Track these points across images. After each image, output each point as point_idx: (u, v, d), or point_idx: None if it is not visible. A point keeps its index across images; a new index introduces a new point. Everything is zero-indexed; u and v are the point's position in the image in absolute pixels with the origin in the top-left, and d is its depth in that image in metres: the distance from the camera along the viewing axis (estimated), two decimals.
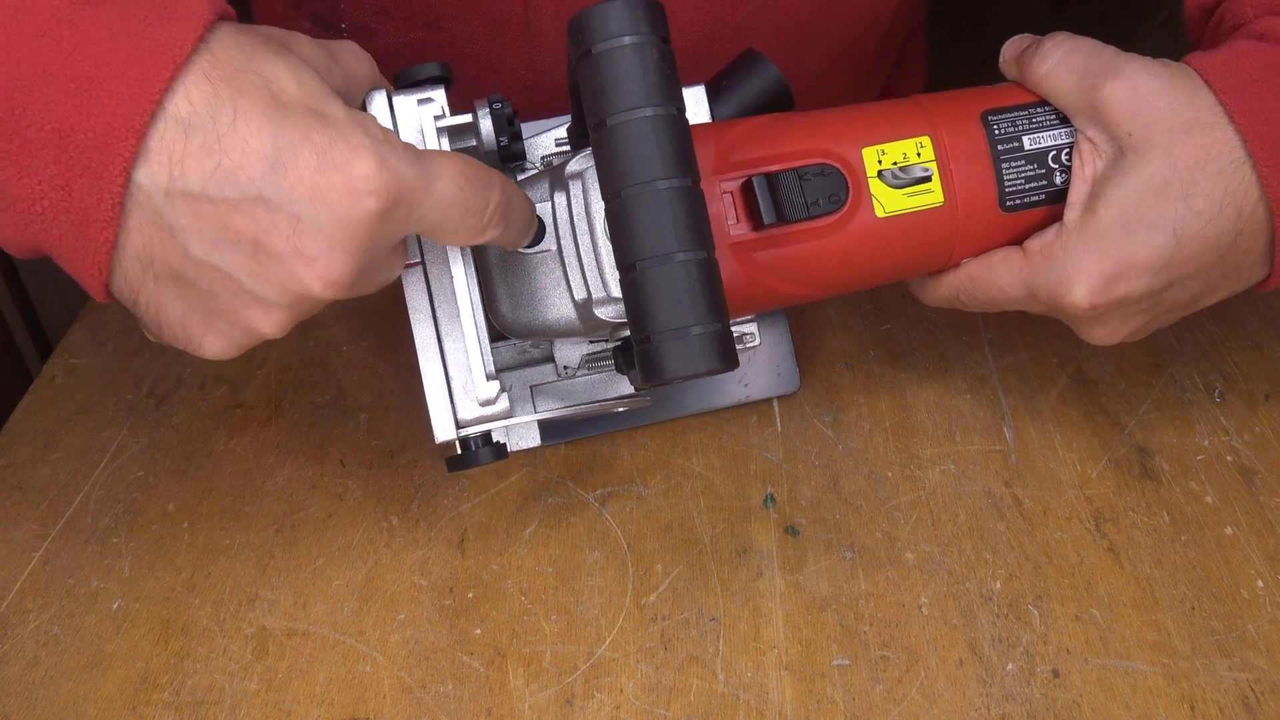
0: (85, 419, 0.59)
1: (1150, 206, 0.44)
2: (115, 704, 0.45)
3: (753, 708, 0.44)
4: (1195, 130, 0.44)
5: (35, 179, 0.34)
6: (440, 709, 0.44)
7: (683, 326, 0.35)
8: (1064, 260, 0.45)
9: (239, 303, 0.37)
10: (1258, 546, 0.49)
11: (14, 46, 0.33)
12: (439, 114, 0.42)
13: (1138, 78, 0.45)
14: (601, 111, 0.36)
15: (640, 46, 0.35)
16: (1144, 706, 0.43)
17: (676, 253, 0.36)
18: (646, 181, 0.36)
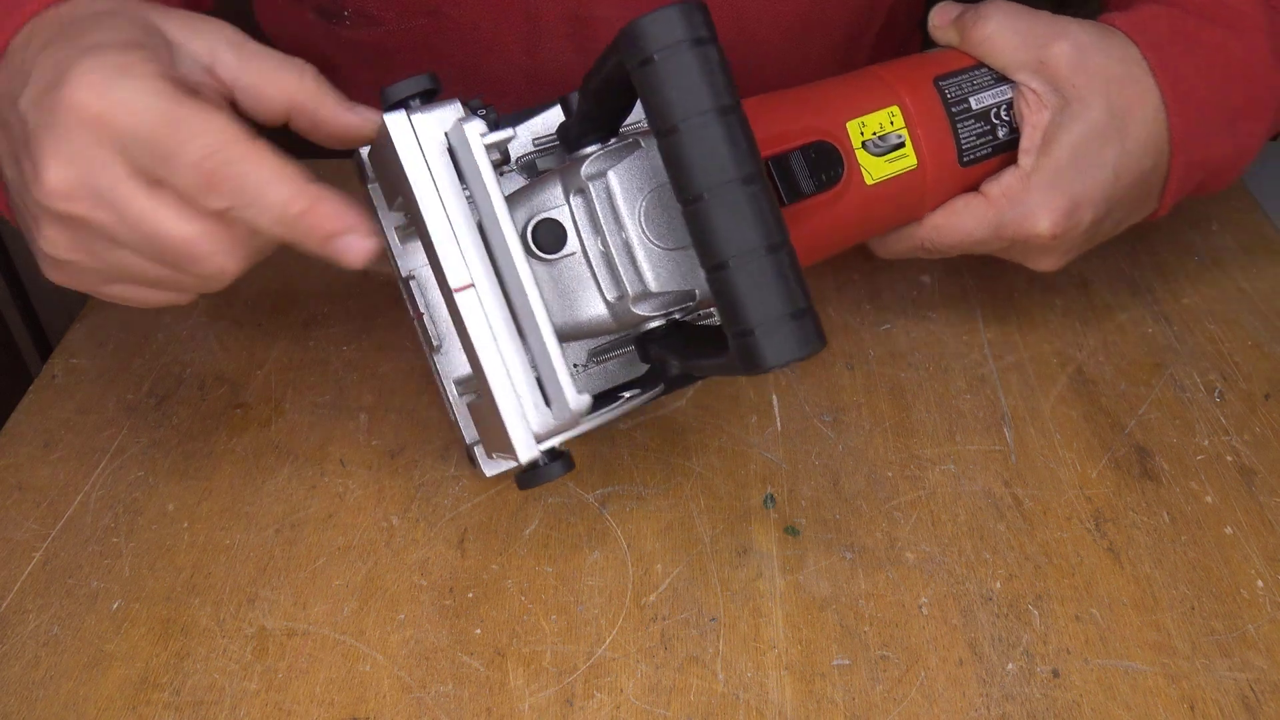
0: (85, 419, 0.59)
1: (1096, 148, 0.51)
2: (115, 704, 0.45)
3: (753, 708, 0.44)
4: (1127, 81, 0.51)
5: None
6: (440, 709, 0.44)
7: (781, 316, 0.36)
8: (1027, 199, 0.51)
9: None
10: (1258, 546, 0.49)
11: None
12: (484, 130, 0.41)
13: (1079, 36, 0.51)
14: (672, 118, 0.36)
15: (703, 50, 0.36)
16: (1144, 706, 0.43)
17: (764, 246, 0.36)
18: (727, 182, 0.36)
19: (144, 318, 0.66)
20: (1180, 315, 0.63)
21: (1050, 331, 0.62)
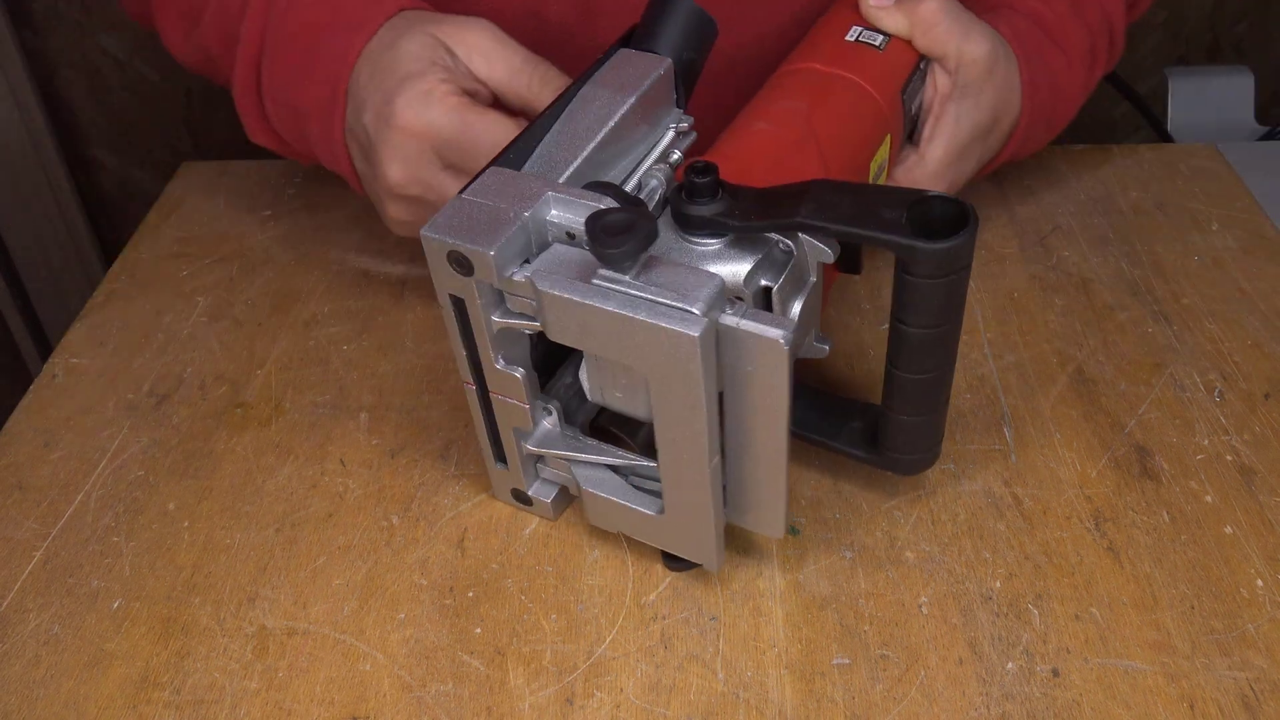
0: (85, 418, 0.59)
1: (976, 146, 0.61)
2: (115, 703, 0.45)
3: (753, 707, 0.44)
4: (1009, 94, 0.61)
5: (311, 88, 0.56)
6: (440, 708, 0.44)
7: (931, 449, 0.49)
8: (920, 184, 0.59)
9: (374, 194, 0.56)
10: (1257, 546, 0.49)
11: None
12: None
13: (992, 43, 0.58)
14: (941, 320, 0.43)
15: (967, 271, 0.42)
16: (1144, 706, 0.43)
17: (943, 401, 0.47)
18: (946, 368, 0.46)
19: (144, 318, 0.66)
20: (1180, 315, 0.63)
21: (1050, 331, 0.62)
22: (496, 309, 0.43)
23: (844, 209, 0.42)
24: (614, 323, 0.39)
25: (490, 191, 0.43)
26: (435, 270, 0.42)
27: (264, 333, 0.64)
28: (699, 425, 0.41)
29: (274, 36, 0.57)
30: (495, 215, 0.42)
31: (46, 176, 1.30)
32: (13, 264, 1.35)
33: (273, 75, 0.58)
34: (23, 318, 1.36)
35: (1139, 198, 0.73)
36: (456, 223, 0.41)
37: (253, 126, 0.61)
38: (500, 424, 0.48)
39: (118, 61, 1.28)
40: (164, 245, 0.73)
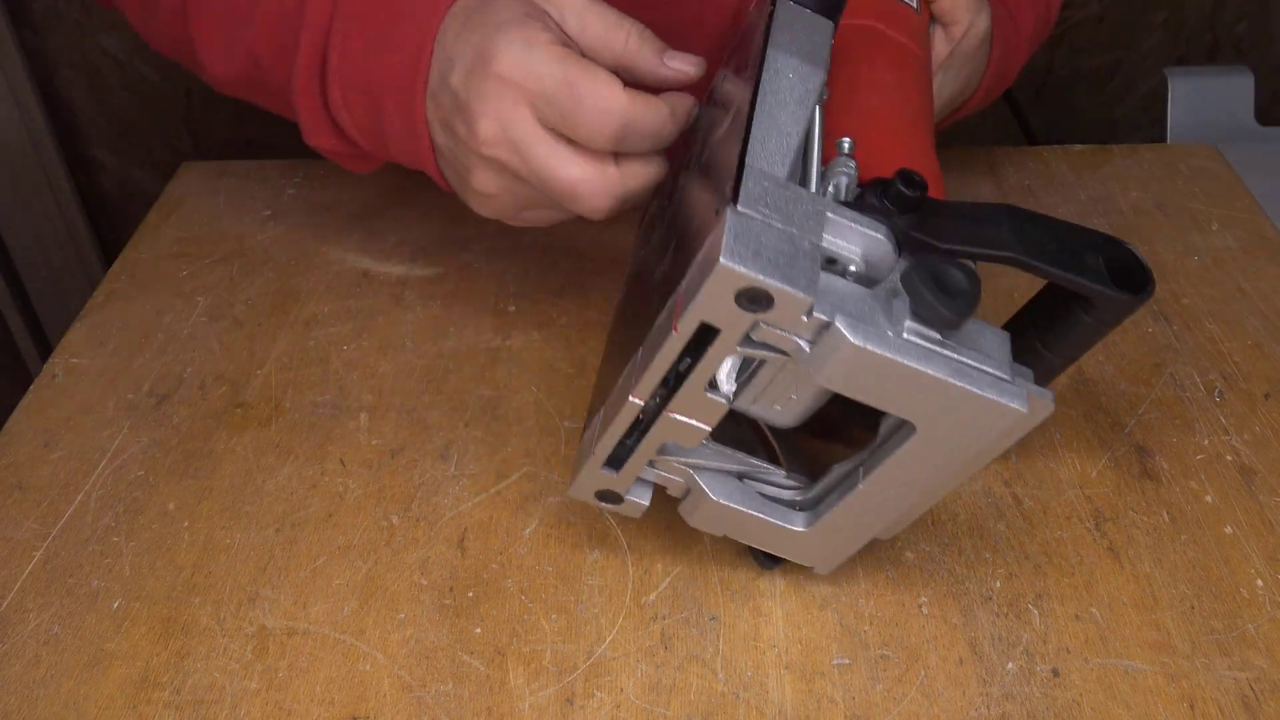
0: (85, 418, 0.59)
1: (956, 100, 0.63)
2: (116, 703, 0.45)
3: (753, 707, 0.44)
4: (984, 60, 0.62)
5: (389, 58, 0.51)
6: (440, 708, 0.44)
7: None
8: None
9: (459, 170, 0.50)
10: (1257, 546, 0.49)
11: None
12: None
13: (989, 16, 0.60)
14: (1080, 355, 0.44)
15: None
16: (1144, 705, 0.43)
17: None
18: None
19: (144, 318, 0.66)
20: (1180, 315, 0.63)
21: None
22: (744, 340, 0.38)
23: (1051, 248, 0.40)
24: (925, 385, 0.37)
25: (769, 206, 0.36)
26: (708, 298, 0.35)
27: (264, 333, 0.64)
28: (945, 476, 0.41)
29: (346, 11, 0.53)
30: (791, 244, 0.36)
31: (46, 176, 1.30)
32: (13, 264, 1.34)
33: (344, 55, 0.53)
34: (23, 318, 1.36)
35: (1139, 198, 0.73)
36: (754, 251, 0.35)
37: (312, 123, 0.56)
38: (650, 439, 0.43)
39: (118, 61, 1.28)
40: (164, 245, 0.73)
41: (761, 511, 0.45)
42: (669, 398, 0.40)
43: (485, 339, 0.63)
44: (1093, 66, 1.26)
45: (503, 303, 0.66)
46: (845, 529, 0.45)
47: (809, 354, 0.37)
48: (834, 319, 0.36)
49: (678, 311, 0.37)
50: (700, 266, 0.36)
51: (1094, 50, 1.25)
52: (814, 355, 0.37)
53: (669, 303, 0.39)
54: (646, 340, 0.40)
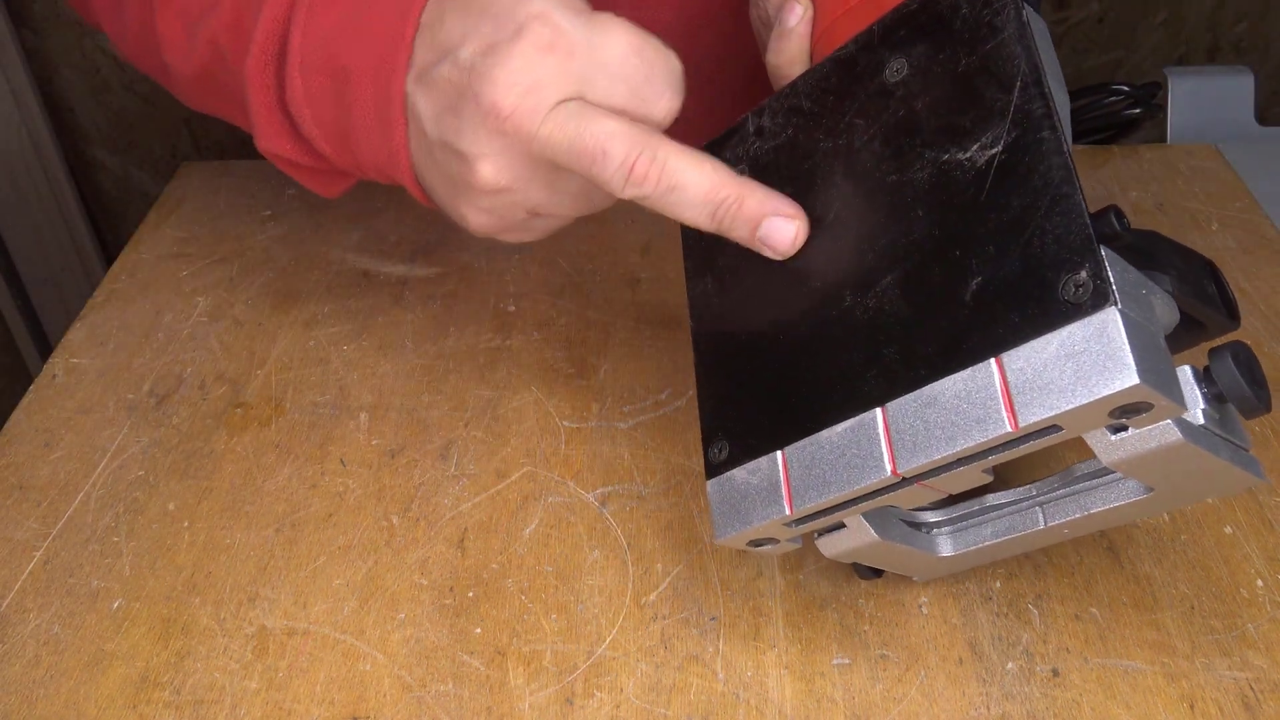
0: (85, 418, 0.59)
1: None
2: (115, 703, 0.45)
3: (753, 707, 0.44)
4: None
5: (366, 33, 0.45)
6: (440, 708, 0.44)
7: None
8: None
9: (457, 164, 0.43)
10: (1258, 546, 0.49)
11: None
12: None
13: None
14: None
15: None
16: (1144, 706, 0.43)
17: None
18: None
19: (144, 318, 0.66)
20: None
21: None
22: None
23: (1190, 279, 0.38)
24: (1206, 466, 0.36)
25: (1130, 298, 0.32)
26: (1088, 409, 0.32)
27: (264, 333, 0.64)
28: (1127, 517, 0.41)
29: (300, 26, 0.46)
30: (1153, 342, 0.32)
31: (46, 176, 1.31)
32: (13, 264, 1.35)
33: (308, 32, 0.46)
34: (23, 318, 1.36)
35: (1139, 198, 0.73)
36: (1148, 364, 0.31)
37: (265, 120, 0.49)
38: (875, 500, 0.38)
39: (118, 61, 1.28)
40: (164, 245, 0.73)
41: (912, 544, 0.43)
42: (936, 473, 0.36)
43: (485, 339, 0.63)
44: (1093, 66, 1.26)
45: (503, 303, 0.66)
46: (984, 557, 0.44)
47: (1112, 440, 0.35)
48: (1171, 417, 0.33)
49: (1010, 410, 0.33)
50: (1070, 374, 0.32)
51: (1094, 50, 1.25)
52: (1118, 442, 0.35)
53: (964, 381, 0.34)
54: (927, 418, 0.35)
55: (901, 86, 0.39)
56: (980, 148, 0.36)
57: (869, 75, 0.41)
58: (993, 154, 0.35)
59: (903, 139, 0.39)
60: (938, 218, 0.36)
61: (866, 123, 0.40)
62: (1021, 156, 0.34)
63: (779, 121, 0.44)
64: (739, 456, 0.41)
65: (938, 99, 0.38)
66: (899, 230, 0.38)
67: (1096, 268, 0.31)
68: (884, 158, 0.39)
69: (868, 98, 0.40)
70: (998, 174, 0.35)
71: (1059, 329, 0.32)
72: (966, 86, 0.37)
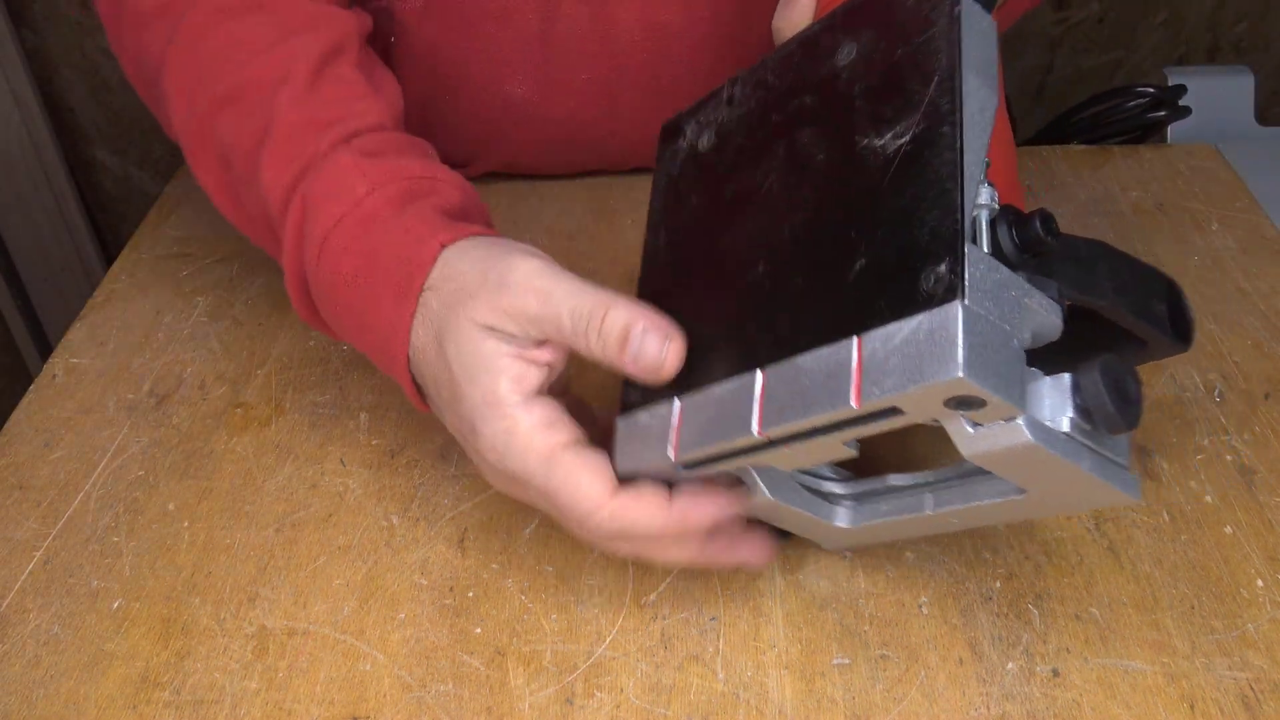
0: (85, 418, 0.59)
1: None
2: (115, 703, 0.45)
3: (753, 707, 0.44)
4: None
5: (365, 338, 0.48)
6: (440, 708, 0.44)
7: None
8: None
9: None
10: (1258, 546, 0.49)
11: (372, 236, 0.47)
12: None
13: None
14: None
15: None
16: (1144, 706, 0.43)
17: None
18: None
19: (144, 318, 0.66)
20: None
21: None
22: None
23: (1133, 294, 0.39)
24: (1069, 473, 0.36)
25: (988, 296, 0.33)
26: (919, 396, 0.33)
27: (264, 333, 0.64)
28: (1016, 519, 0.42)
29: (314, 280, 0.49)
30: (1005, 344, 0.33)
31: (46, 176, 1.30)
32: (13, 264, 1.34)
33: (322, 309, 0.51)
34: (23, 318, 1.36)
35: (1139, 198, 0.73)
36: (983, 360, 0.32)
37: (303, 315, 0.53)
38: (749, 459, 0.40)
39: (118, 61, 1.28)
40: (164, 245, 0.73)
41: (809, 509, 0.44)
42: (799, 439, 0.38)
43: None
44: (1093, 66, 1.26)
45: None
46: (884, 534, 0.46)
47: (969, 433, 0.35)
48: (1019, 417, 0.34)
49: (858, 388, 0.34)
50: (911, 360, 0.33)
51: (1094, 50, 1.25)
52: (976, 436, 0.35)
53: (828, 356, 0.35)
54: (795, 386, 0.36)
55: (847, 70, 0.40)
56: (893, 136, 0.37)
57: (825, 56, 0.42)
58: (900, 144, 0.37)
59: (836, 120, 0.40)
60: (846, 198, 0.38)
61: (813, 102, 0.42)
62: (923, 149, 0.35)
63: (747, 92, 0.45)
64: (648, 398, 0.43)
65: (871, 86, 0.39)
66: (813, 206, 0.39)
67: (954, 263, 0.33)
68: (818, 137, 0.41)
69: (819, 78, 0.42)
70: (901, 163, 0.36)
71: (911, 317, 0.33)
72: (896, 76, 0.38)
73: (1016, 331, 0.34)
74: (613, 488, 0.42)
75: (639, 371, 0.42)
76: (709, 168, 0.46)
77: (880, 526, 0.45)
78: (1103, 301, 0.38)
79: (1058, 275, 0.37)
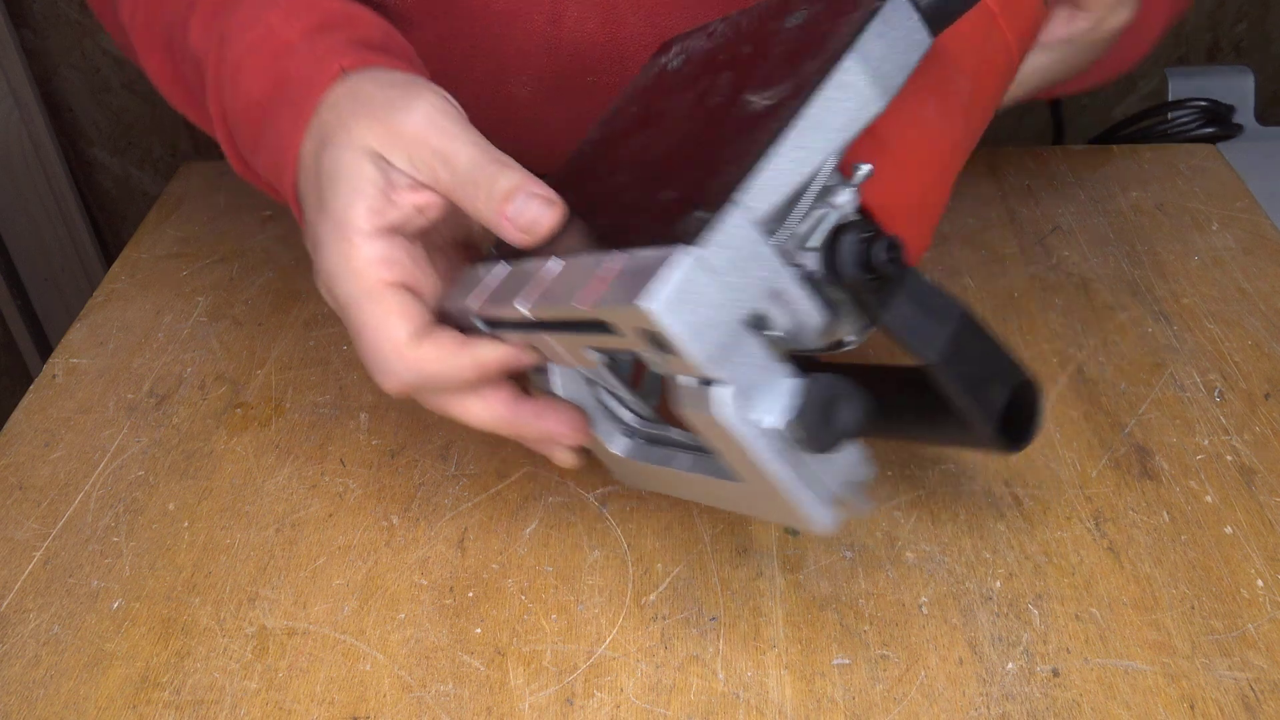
0: (85, 418, 0.59)
1: None
2: (115, 703, 0.45)
3: (753, 707, 0.44)
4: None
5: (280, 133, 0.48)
6: (440, 708, 0.44)
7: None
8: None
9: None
10: (1258, 546, 0.49)
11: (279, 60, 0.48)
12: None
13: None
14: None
15: None
16: (1144, 706, 0.43)
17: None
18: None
19: (144, 318, 0.66)
20: (1180, 315, 0.63)
21: (1050, 331, 0.62)
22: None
23: (970, 369, 0.38)
24: (764, 474, 0.36)
25: (728, 262, 0.34)
26: (618, 318, 0.34)
27: (264, 333, 0.64)
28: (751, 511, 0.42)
29: (230, 113, 0.51)
30: (724, 311, 0.34)
31: (46, 176, 1.30)
32: (13, 264, 1.34)
33: (240, 144, 0.52)
34: (23, 318, 1.36)
35: (1139, 198, 0.73)
36: (683, 308, 0.33)
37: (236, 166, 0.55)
38: (525, 337, 0.42)
39: (118, 61, 1.28)
40: (164, 245, 0.73)
41: (594, 418, 0.45)
42: (557, 330, 0.40)
43: None
44: None
45: None
46: (656, 482, 0.46)
47: (682, 388, 0.36)
48: (721, 385, 0.34)
49: (587, 292, 0.35)
50: (626, 280, 0.34)
51: None
52: (687, 394, 0.35)
53: (596, 265, 0.36)
54: (568, 279, 0.38)
55: (784, 32, 0.42)
56: (763, 98, 0.38)
57: (780, 16, 0.43)
58: (764, 104, 0.38)
59: (746, 73, 0.42)
60: (703, 139, 0.40)
61: (746, 52, 0.43)
62: (769, 114, 0.37)
63: (720, 29, 0.47)
64: (500, 257, 0.45)
65: (786, 51, 0.40)
66: (680, 138, 0.42)
67: (712, 216, 0.33)
68: (725, 84, 0.42)
69: (764, 34, 0.43)
70: (749, 120, 0.38)
71: (657, 247, 0.34)
72: (804, 47, 0.39)
73: (751, 307, 0.34)
74: (416, 334, 0.42)
75: (514, 230, 0.42)
76: (658, 87, 0.48)
77: (649, 471, 0.45)
78: (927, 355, 0.37)
79: (889, 308, 0.37)
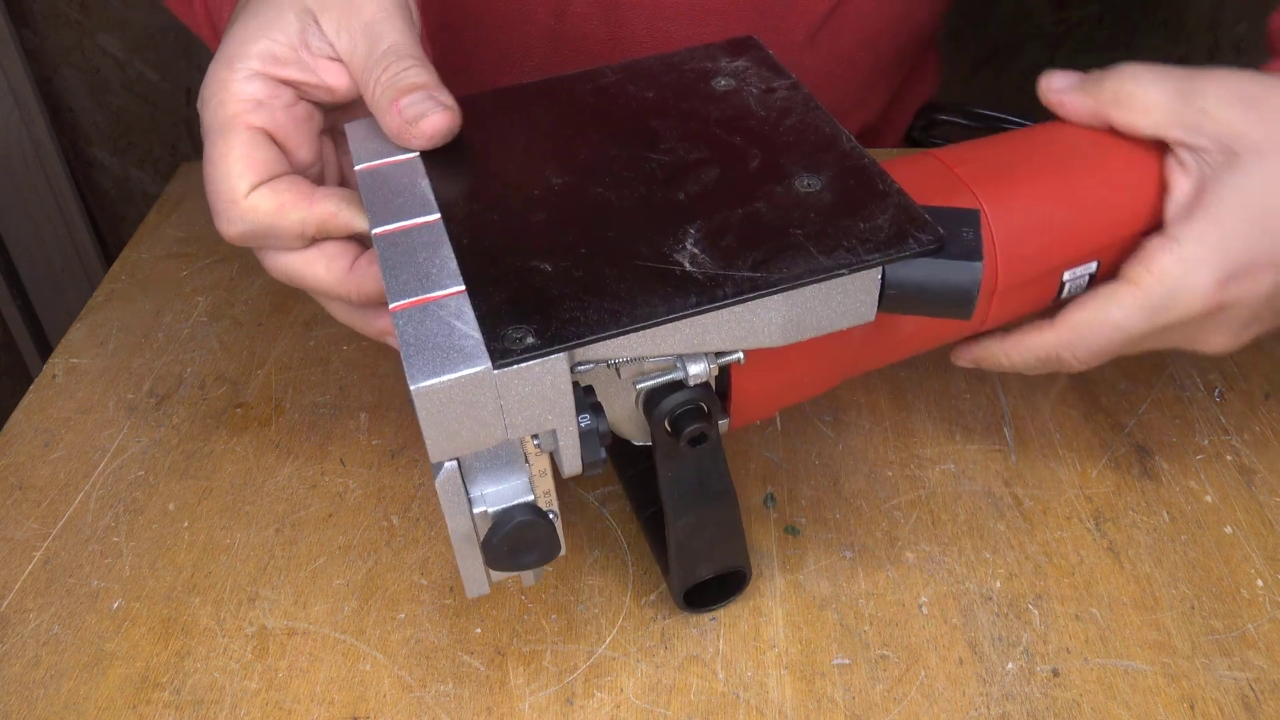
0: (85, 418, 0.59)
1: (1277, 201, 0.43)
2: (115, 703, 0.45)
3: (753, 707, 0.44)
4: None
5: None
6: (440, 708, 0.44)
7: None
8: (1183, 271, 0.43)
9: None
10: (1258, 546, 0.49)
11: None
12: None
13: (1238, 84, 0.44)
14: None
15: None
16: (1144, 706, 0.43)
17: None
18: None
19: (144, 318, 0.66)
20: None
21: None
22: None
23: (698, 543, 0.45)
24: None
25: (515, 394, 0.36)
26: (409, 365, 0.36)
27: (264, 333, 0.64)
28: None
29: None
30: (486, 408, 0.35)
31: (46, 176, 1.31)
32: (13, 264, 1.35)
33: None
34: (23, 318, 1.36)
35: None
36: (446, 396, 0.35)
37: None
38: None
39: (118, 61, 1.28)
40: (164, 245, 0.73)
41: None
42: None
43: None
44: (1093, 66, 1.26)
45: None
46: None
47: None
48: (450, 465, 0.37)
49: (400, 306, 0.36)
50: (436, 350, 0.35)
51: (1094, 50, 1.25)
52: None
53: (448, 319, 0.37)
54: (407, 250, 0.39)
55: (718, 99, 0.46)
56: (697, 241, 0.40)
57: (706, 76, 0.47)
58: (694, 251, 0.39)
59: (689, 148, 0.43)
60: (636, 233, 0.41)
61: (690, 111, 0.45)
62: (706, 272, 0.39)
63: (647, 72, 0.48)
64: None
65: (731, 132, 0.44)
66: (617, 215, 0.41)
67: (542, 347, 0.35)
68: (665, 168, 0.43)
69: (698, 94, 0.46)
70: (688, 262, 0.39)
71: (487, 333, 0.35)
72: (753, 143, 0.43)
73: (520, 432, 0.36)
74: (254, 181, 0.41)
75: (399, 120, 0.41)
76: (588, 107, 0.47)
77: None
78: (669, 512, 0.44)
79: (668, 463, 0.42)
